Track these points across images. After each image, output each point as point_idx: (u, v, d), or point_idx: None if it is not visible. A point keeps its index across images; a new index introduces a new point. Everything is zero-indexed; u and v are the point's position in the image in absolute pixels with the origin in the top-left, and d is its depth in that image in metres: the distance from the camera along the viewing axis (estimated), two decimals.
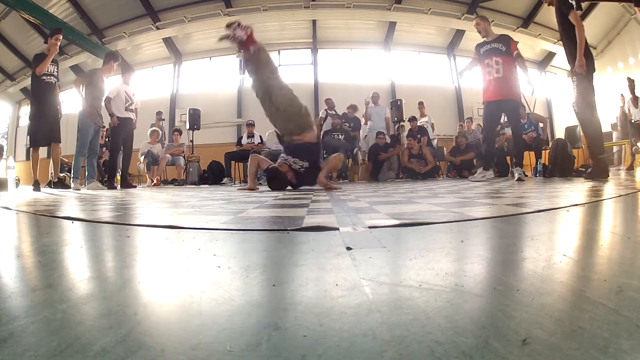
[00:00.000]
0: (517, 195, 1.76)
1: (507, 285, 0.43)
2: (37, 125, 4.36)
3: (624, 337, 0.29)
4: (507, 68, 4.09)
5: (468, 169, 6.98)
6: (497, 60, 4.10)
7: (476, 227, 0.89)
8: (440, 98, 10.96)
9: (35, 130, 4.38)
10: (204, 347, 0.29)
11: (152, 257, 0.67)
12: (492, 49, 4.17)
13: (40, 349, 0.29)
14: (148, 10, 10.12)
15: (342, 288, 0.44)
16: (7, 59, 11.39)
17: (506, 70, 4.09)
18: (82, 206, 1.86)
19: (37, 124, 4.37)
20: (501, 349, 0.27)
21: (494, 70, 4.11)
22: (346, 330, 0.32)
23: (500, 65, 4.09)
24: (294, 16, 10.33)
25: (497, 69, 4.09)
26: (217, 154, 7.65)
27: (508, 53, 4.10)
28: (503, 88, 4.10)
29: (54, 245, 0.80)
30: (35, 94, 4.38)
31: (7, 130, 14.35)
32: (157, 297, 0.45)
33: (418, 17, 10.29)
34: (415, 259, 0.57)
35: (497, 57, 4.11)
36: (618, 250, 0.63)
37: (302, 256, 0.63)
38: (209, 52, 11.57)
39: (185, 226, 0.99)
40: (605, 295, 0.39)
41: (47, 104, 4.39)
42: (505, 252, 0.64)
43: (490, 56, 4.15)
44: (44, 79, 4.45)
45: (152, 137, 7.18)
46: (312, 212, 1.23)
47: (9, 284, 0.50)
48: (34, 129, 4.40)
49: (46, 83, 4.41)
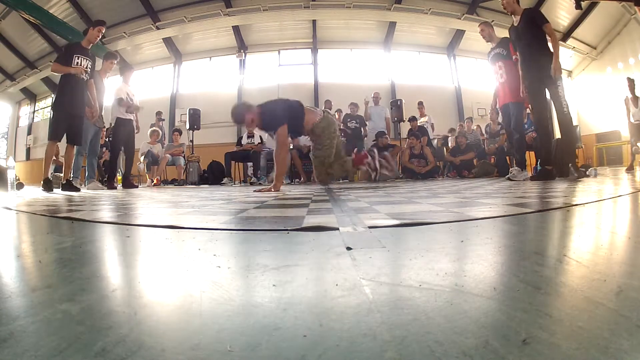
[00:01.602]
0: (517, 195, 1.76)
1: (507, 285, 0.43)
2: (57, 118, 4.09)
3: (624, 337, 0.29)
4: (509, 72, 4.19)
5: (468, 169, 6.98)
6: (500, 66, 4.25)
7: (476, 227, 0.89)
8: (440, 98, 10.97)
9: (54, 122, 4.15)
10: (204, 347, 0.29)
11: (152, 257, 0.67)
12: (496, 55, 4.32)
13: (40, 349, 0.29)
14: (148, 10, 10.12)
15: (342, 288, 0.44)
16: (7, 59, 11.41)
17: (508, 74, 4.19)
18: (82, 206, 1.86)
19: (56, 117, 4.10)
20: (501, 349, 0.27)
21: (499, 75, 4.28)
22: (346, 330, 0.32)
23: (503, 70, 4.23)
24: (294, 16, 10.32)
25: (501, 74, 4.25)
26: (217, 154, 7.65)
27: (509, 57, 4.20)
28: (507, 92, 4.25)
29: (54, 245, 0.80)
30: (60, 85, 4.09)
31: (7, 130, 14.36)
32: (157, 297, 0.45)
33: (418, 17, 10.29)
34: (415, 259, 0.57)
35: (500, 62, 4.25)
36: (618, 250, 0.63)
37: (302, 256, 0.63)
38: (209, 52, 11.58)
39: (185, 226, 0.99)
40: (605, 295, 0.39)
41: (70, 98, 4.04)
42: (505, 252, 0.64)
43: (495, 62, 4.31)
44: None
45: (152, 137, 7.18)
46: (312, 212, 1.23)
47: (9, 284, 0.50)
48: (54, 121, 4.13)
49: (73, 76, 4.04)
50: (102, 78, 4.83)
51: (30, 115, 13.66)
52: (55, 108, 4.15)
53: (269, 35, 11.15)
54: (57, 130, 4.07)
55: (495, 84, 4.45)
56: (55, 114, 4.10)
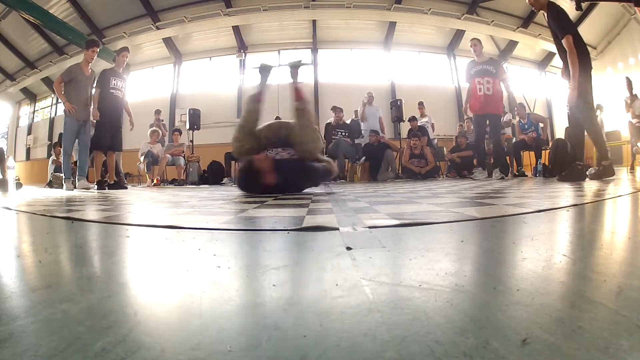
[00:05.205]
0: (517, 195, 1.76)
1: (507, 285, 0.43)
2: (101, 131, 4.80)
3: (624, 337, 0.29)
4: (495, 87, 4.93)
5: (468, 169, 6.97)
6: (489, 80, 4.91)
7: (476, 227, 0.89)
8: (440, 98, 10.95)
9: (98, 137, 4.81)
10: (204, 347, 0.29)
11: (152, 257, 0.67)
12: (484, 70, 4.97)
13: (40, 349, 0.29)
14: (148, 10, 10.11)
15: (342, 288, 0.44)
16: (7, 59, 11.40)
17: (495, 89, 4.93)
18: (82, 206, 1.86)
19: (100, 130, 4.81)
20: (501, 349, 0.27)
21: (485, 88, 4.90)
22: (346, 330, 0.32)
23: (491, 85, 4.91)
24: (294, 16, 10.31)
25: (488, 87, 4.90)
26: (217, 154, 7.65)
27: (496, 76, 4.95)
28: (491, 103, 4.93)
29: (54, 245, 0.80)
30: (102, 104, 4.75)
31: (7, 130, 14.37)
32: (157, 297, 0.45)
33: (418, 17, 10.28)
34: (415, 259, 0.57)
35: (488, 78, 4.92)
36: (618, 250, 0.63)
37: (302, 256, 0.63)
38: (209, 52, 11.57)
39: (185, 226, 0.99)
40: (605, 295, 0.39)
41: (110, 114, 4.80)
42: (505, 252, 0.64)
43: (482, 76, 4.94)
44: (113, 92, 4.86)
45: (152, 137, 7.18)
46: (312, 212, 1.23)
47: (9, 284, 0.50)
48: (97, 136, 4.82)
49: (114, 96, 4.87)
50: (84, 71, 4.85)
51: (30, 115, 13.66)
52: (98, 126, 4.83)
53: (269, 35, 11.14)
54: (102, 141, 4.81)
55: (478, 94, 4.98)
56: (100, 127, 4.79)
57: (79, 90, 4.69)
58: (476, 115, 5.13)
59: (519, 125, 6.61)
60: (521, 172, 5.92)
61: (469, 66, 5.17)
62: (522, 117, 6.54)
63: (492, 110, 4.98)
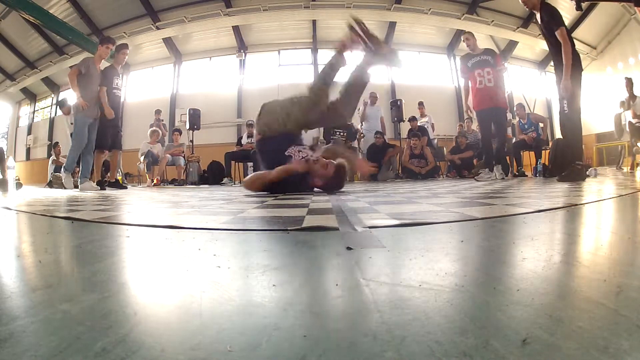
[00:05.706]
0: (517, 195, 1.76)
1: (507, 285, 0.43)
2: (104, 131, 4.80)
3: (624, 337, 0.29)
4: (496, 78, 4.58)
5: (468, 169, 6.97)
6: (488, 71, 4.58)
7: (476, 227, 0.89)
8: (440, 98, 10.96)
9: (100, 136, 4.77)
10: (204, 347, 0.29)
11: (152, 257, 0.67)
12: (482, 61, 4.64)
13: (40, 349, 0.29)
14: (148, 10, 10.11)
15: (342, 288, 0.44)
16: (7, 59, 11.39)
17: (495, 81, 4.58)
18: (82, 206, 1.86)
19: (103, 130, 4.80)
20: (501, 349, 0.27)
21: (486, 80, 4.57)
22: (346, 330, 0.32)
23: (491, 76, 4.57)
24: (294, 16, 10.31)
25: (489, 79, 4.57)
26: (217, 154, 7.65)
27: (495, 65, 4.61)
28: (494, 96, 4.56)
29: (54, 245, 0.80)
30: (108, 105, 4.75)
31: (7, 130, 14.36)
32: (157, 297, 0.45)
33: (418, 17, 10.28)
34: (415, 259, 0.57)
35: (488, 69, 4.59)
36: (618, 250, 0.63)
37: (302, 256, 0.63)
38: (209, 52, 11.57)
39: (185, 226, 0.99)
40: (605, 295, 0.39)
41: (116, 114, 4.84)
42: (505, 252, 0.64)
43: (482, 67, 4.61)
44: (115, 92, 4.80)
45: (152, 137, 7.18)
46: (312, 212, 1.23)
47: (9, 284, 0.50)
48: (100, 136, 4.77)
49: (116, 96, 4.83)
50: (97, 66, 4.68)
51: (30, 115, 13.65)
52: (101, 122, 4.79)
53: (269, 35, 11.14)
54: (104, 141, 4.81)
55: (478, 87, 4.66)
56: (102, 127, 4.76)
57: (91, 86, 4.53)
58: (479, 111, 4.72)
59: (519, 125, 6.61)
60: (521, 172, 5.93)
61: (465, 59, 4.83)
62: (522, 117, 6.54)
63: (496, 104, 4.57)
